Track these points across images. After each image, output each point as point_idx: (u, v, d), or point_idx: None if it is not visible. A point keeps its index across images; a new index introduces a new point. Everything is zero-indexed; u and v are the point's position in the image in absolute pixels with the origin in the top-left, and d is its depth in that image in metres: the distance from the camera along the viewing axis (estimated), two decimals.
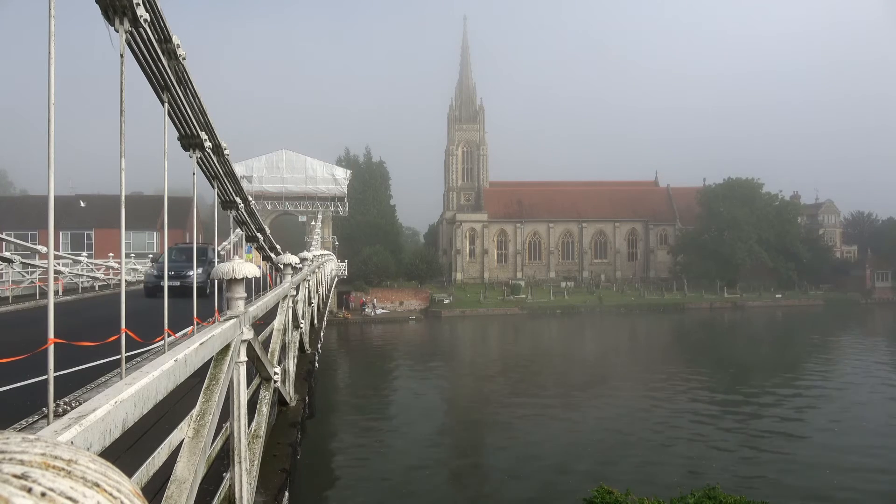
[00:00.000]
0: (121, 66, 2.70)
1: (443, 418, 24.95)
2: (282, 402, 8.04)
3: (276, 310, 8.03)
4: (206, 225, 61.97)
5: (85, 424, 1.71)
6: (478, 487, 16.97)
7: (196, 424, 3.11)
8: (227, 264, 4.27)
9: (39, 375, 5.53)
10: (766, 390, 27.99)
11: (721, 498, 9.56)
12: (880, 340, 47.41)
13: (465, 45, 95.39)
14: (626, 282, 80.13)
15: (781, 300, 72.87)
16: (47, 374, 1.97)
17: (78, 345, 5.60)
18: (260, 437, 5.48)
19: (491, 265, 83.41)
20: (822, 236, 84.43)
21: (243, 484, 4.12)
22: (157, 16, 3.09)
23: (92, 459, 0.61)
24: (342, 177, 59.99)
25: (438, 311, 63.72)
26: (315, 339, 14.44)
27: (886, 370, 33.82)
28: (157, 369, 2.34)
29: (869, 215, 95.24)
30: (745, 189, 75.64)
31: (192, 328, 4.33)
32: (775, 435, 21.11)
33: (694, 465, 17.74)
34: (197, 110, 4.14)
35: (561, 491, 15.80)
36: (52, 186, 2.01)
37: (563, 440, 20.69)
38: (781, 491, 15.53)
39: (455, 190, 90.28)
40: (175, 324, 3.76)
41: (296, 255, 10.01)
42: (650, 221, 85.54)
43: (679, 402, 26.17)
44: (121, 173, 2.75)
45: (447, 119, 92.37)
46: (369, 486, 17.07)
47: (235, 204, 6.28)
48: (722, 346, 45.90)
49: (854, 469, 17.52)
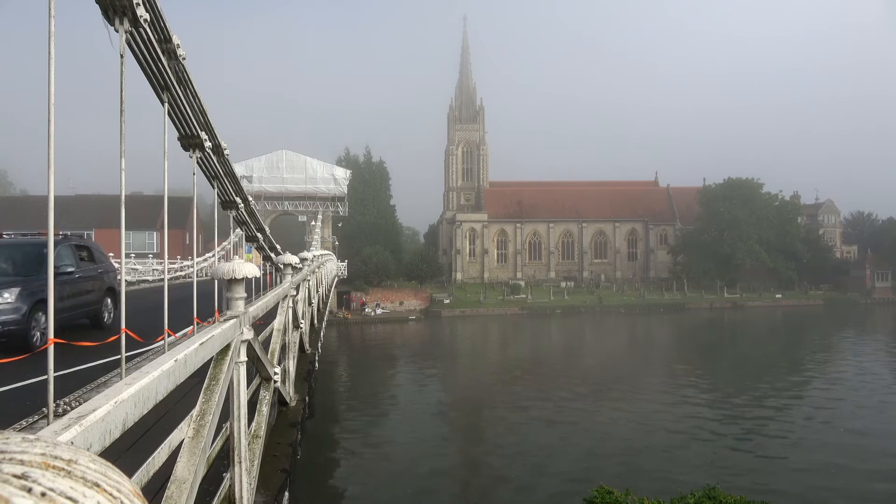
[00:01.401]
0: (121, 66, 2.70)
1: (442, 418, 24.95)
2: (282, 402, 8.04)
3: (276, 310, 8.03)
4: (206, 225, 62.06)
5: (85, 424, 1.71)
6: (478, 487, 16.98)
7: (196, 424, 3.11)
8: (227, 264, 4.27)
9: (39, 375, 5.53)
10: (768, 390, 27.97)
11: (721, 498, 9.55)
12: (881, 340, 47.39)
13: (465, 46, 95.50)
14: (626, 282, 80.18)
15: (781, 300, 72.89)
16: (47, 374, 1.97)
17: (78, 345, 5.60)
18: (260, 437, 5.48)
19: (491, 265, 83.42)
20: (822, 236, 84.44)
21: (243, 484, 4.12)
22: (157, 16, 3.09)
23: (92, 459, 0.61)
24: (342, 177, 60.08)
25: (438, 311, 63.72)
26: (315, 339, 14.44)
27: (888, 370, 33.81)
28: (157, 369, 2.34)
29: (869, 215, 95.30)
30: (745, 189, 75.73)
31: (191, 328, 4.33)
32: (776, 434, 21.10)
33: (694, 464, 17.73)
34: (197, 110, 4.14)
35: (561, 491, 15.80)
36: (52, 186, 2.01)
37: (563, 440, 20.70)
38: (782, 491, 15.52)
39: (455, 190, 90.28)
40: (175, 324, 3.76)
41: (296, 255, 10.01)
42: (650, 221, 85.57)
43: (679, 401, 26.16)
44: (121, 173, 2.75)
45: (447, 119, 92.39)
46: (369, 486, 17.08)
47: (235, 204, 6.28)
48: (722, 346, 45.91)
49: (855, 469, 17.51)
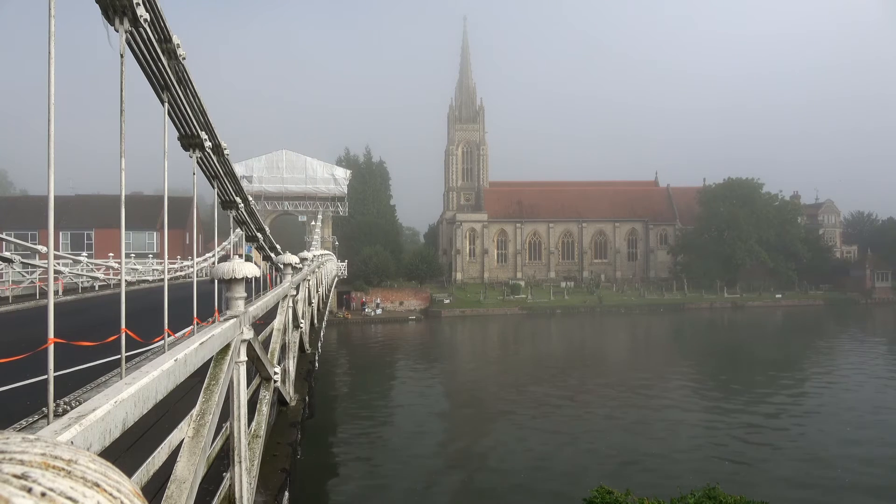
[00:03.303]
0: (121, 66, 2.70)
1: (443, 418, 24.94)
2: (282, 401, 8.04)
3: (276, 310, 8.03)
4: (206, 225, 62.08)
5: (85, 424, 1.71)
6: (478, 487, 16.97)
7: (196, 424, 3.11)
8: (227, 264, 4.26)
9: (39, 375, 5.53)
10: (768, 390, 27.96)
11: (721, 498, 9.55)
12: (881, 341, 47.36)
13: (465, 45, 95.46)
14: (625, 282, 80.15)
15: (781, 300, 72.88)
16: (47, 374, 1.97)
17: (78, 345, 5.61)
18: (260, 437, 5.48)
19: (491, 265, 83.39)
20: (822, 236, 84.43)
21: (243, 484, 4.12)
22: (157, 16, 3.09)
23: (92, 459, 0.61)
24: (342, 177, 60.06)
25: (438, 311, 63.72)
26: (315, 339, 14.44)
27: (889, 371, 33.81)
28: (157, 369, 2.34)
29: (869, 215, 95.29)
30: (745, 189, 75.75)
31: (191, 328, 4.33)
32: (776, 434, 21.08)
33: (694, 464, 17.73)
34: (197, 110, 4.14)
35: (561, 491, 15.81)
36: (52, 186, 2.01)
37: (563, 440, 20.71)
38: (782, 491, 15.52)
39: (455, 190, 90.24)
40: (175, 324, 3.76)
41: (296, 255, 10.01)
42: (650, 221, 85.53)
43: (679, 401, 26.16)
44: (121, 173, 2.75)
45: (447, 119, 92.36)
46: (369, 486, 17.07)
47: (235, 204, 6.28)
48: (722, 346, 45.87)
49: (856, 470, 17.51)
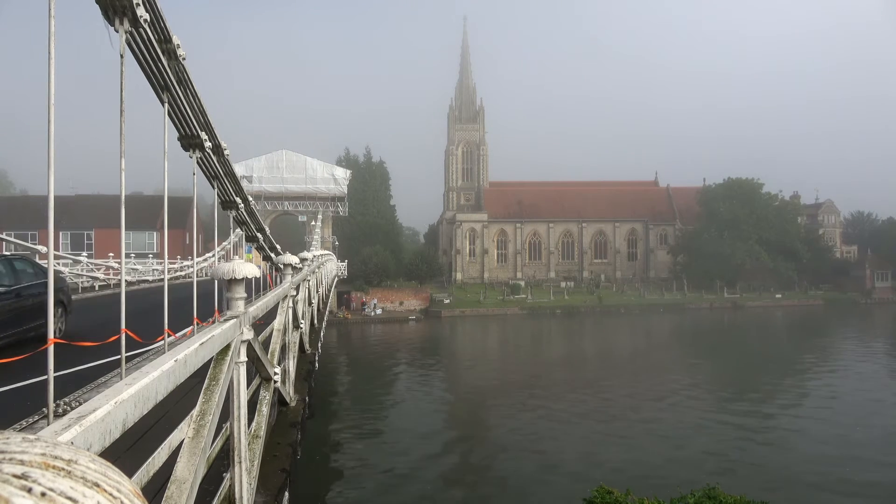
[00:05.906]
0: (121, 66, 2.70)
1: (443, 418, 24.94)
2: (282, 402, 8.04)
3: (276, 310, 8.03)
4: (206, 225, 62.05)
5: (85, 425, 1.70)
6: (478, 486, 16.98)
7: (196, 424, 3.11)
8: (227, 264, 4.26)
9: (39, 375, 5.53)
10: (768, 389, 27.98)
11: (721, 498, 9.55)
12: (881, 341, 47.37)
13: (465, 46, 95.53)
14: (625, 282, 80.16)
15: (781, 300, 72.88)
16: (47, 374, 1.97)
17: (78, 345, 5.61)
18: (260, 438, 5.48)
19: (491, 265, 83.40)
20: (822, 236, 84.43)
21: (243, 484, 4.12)
22: (157, 16, 3.09)
23: (92, 459, 0.61)
24: (342, 177, 60.05)
25: (438, 311, 63.71)
26: (315, 339, 14.43)
27: (889, 371, 33.81)
28: (157, 370, 2.34)
29: (869, 215, 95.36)
30: (745, 189, 75.73)
31: (191, 328, 4.33)
32: (776, 434, 21.10)
33: (694, 464, 17.73)
34: (197, 110, 4.14)
35: (561, 491, 15.80)
36: (52, 186, 2.01)
37: (563, 440, 20.71)
38: (782, 490, 15.51)
39: (455, 190, 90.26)
40: (175, 324, 3.76)
41: (296, 256, 10.00)
42: (650, 221, 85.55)
43: (679, 401, 26.14)
44: (121, 173, 2.75)
45: (447, 119, 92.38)
46: (369, 486, 17.07)
47: (235, 204, 6.28)
48: (722, 346, 45.86)
49: (855, 468, 17.50)
